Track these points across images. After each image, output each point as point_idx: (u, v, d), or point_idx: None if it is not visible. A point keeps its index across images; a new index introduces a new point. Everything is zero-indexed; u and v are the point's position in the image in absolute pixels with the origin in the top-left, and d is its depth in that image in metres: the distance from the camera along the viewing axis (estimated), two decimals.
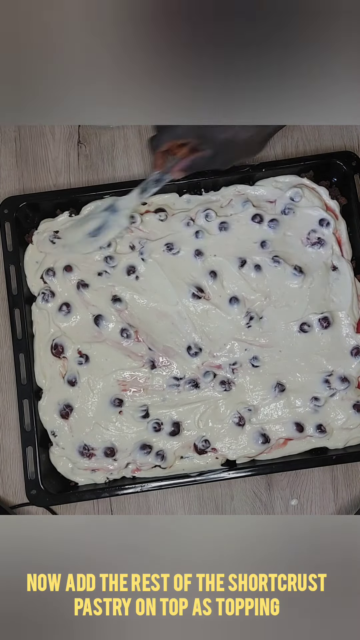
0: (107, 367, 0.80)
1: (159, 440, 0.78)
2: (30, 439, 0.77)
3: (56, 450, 0.78)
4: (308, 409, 0.78)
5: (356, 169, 0.82)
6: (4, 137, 0.88)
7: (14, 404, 0.81)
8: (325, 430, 0.78)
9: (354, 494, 0.81)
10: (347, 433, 0.78)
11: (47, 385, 0.79)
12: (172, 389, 0.79)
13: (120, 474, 0.78)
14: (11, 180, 0.87)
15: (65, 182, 0.88)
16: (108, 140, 0.88)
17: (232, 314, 0.80)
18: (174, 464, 0.78)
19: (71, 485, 0.79)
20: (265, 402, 0.79)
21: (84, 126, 0.88)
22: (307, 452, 0.79)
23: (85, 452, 0.78)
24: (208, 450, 0.78)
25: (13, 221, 0.81)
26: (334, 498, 0.81)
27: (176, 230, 0.82)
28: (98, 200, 0.82)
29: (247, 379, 0.79)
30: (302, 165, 0.84)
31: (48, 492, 0.76)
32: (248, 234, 0.82)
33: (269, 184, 0.83)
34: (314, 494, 0.81)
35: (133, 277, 0.81)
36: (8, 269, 0.81)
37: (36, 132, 0.88)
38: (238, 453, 0.78)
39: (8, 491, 0.82)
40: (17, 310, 0.80)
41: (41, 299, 0.80)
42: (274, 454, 0.79)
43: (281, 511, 0.81)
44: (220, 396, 0.79)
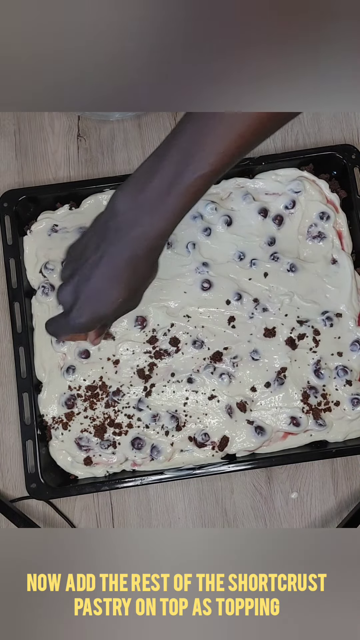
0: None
1: (155, 433, 0.78)
2: (30, 432, 0.77)
3: (56, 444, 0.78)
4: (307, 401, 0.78)
5: (356, 162, 0.82)
6: (3, 131, 0.88)
7: (14, 397, 0.81)
8: (325, 424, 0.78)
9: (354, 487, 0.82)
10: (347, 426, 0.78)
11: (47, 379, 0.79)
12: (171, 382, 0.79)
13: (120, 468, 0.78)
14: (11, 173, 0.87)
15: (65, 176, 0.87)
16: (108, 134, 0.88)
17: (234, 307, 0.80)
18: (173, 457, 0.78)
19: (71, 479, 0.79)
20: (264, 395, 0.79)
21: (84, 119, 0.88)
22: (307, 446, 0.79)
23: (84, 446, 0.78)
24: (207, 443, 0.78)
25: (13, 215, 0.81)
26: (334, 491, 0.81)
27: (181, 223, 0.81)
28: (98, 193, 0.82)
29: (246, 372, 0.79)
30: (302, 159, 0.84)
31: (48, 486, 0.76)
32: (251, 228, 0.82)
33: (268, 177, 0.83)
34: (314, 487, 0.81)
35: None
36: (8, 263, 0.81)
37: (36, 126, 0.88)
38: (238, 446, 0.78)
39: (8, 485, 0.82)
40: (17, 303, 0.80)
41: (41, 292, 0.80)
42: (273, 447, 0.79)
43: (281, 504, 0.81)
44: (219, 389, 0.79)
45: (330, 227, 0.82)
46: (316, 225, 0.82)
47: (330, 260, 0.81)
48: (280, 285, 0.81)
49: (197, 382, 0.79)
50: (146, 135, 0.88)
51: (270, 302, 0.80)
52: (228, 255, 0.81)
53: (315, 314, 0.80)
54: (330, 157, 0.83)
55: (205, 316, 0.80)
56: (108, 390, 0.79)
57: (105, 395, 0.79)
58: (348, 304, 0.80)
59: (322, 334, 0.80)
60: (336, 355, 0.80)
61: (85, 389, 0.79)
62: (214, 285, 0.81)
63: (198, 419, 0.78)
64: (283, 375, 0.79)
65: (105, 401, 0.79)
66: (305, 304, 0.80)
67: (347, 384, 0.79)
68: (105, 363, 0.80)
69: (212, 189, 0.82)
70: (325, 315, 0.80)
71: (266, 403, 0.79)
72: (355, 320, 0.80)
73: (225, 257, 0.81)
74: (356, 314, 0.80)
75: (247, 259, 0.81)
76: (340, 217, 0.82)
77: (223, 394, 0.79)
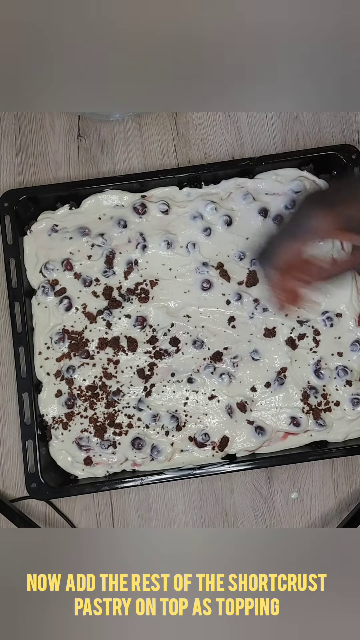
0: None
1: (156, 433, 0.78)
2: (30, 432, 0.77)
3: (56, 444, 0.78)
4: (307, 401, 0.78)
5: (356, 162, 0.82)
6: (4, 130, 0.88)
7: (14, 397, 0.81)
8: (325, 424, 0.78)
9: (354, 487, 0.81)
10: (347, 426, 0.78)
11: (47, 379, 0.79)
12: (172, 382, 0.79)
13: (120, 467, 0.78)
14: (11, 173, 0.87)
15: (65, 175, 0.87)
16: (108, 134, 0.88)
17: (234, 307, 0.80)
18: (173, 457, 0.78)
19: (71, 479, 0.79)
20: (264, 395, 0.79)
21: (84, 119, 0.88)
22: (307, 446, 0.79)
23: (84, 446, 0.78)
24: (207, 443, 0.78)
25: (13, 214, 0.81)
26: (334, 491, 0.81)
27: (181, 223, 0.82)
28: (98, 193, 0.82)
29: (247, 372, 0.79)
30: (302, 159, 0.83)
31: (48, 486, 0.76)
32: (251, 228, 0.82)
33: (269, 177, 0.83)
34: (314, 487, 0.81)
35: (135, 270, 0.81)
36: (8, 262, 0.81)
37: (36, 125, 0.88)
38: (238, 446, 0.78)
39: (8, 484, 0.81)
40: (17, 303, 0.80)
41: (41, 292, 0.80)
42: (273, 447, 0.79)
43: (281, 504, 0.81)
44: (219, 389, 0.79)
45: None
46: None
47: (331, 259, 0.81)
48: None
49: (197, 382, 0.79)
50: (146, 135, 0.88)
51: (271, 302, 0.80)
52: (228, 255, 0.81)
53: (315, 314, 0.80)
54: (330, 157, 0.83)
55: (205, 316, 0.80)
56: (108, 390, 0.79)
57: (105, 395, 0.79)
58: (348, 304, 0.80)
59: (323, 334, 0.80)
60: (336, 355, 0.80)
61: (86, 389, 0.79)
62: (214, 285, 0.81)
63: (198, 419, 0.78)
64: (283, 375, 0.79)
65: (105, 401, 0.79)
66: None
67: (347, 384, 0.79)
68: (105, 363, 0.80)
69: (212, 188, 0.83)
70: (325, 315, 0.80)
71: (266, 403, 0.79)
72: (356, 320, 0.80)
73: (225, 257, 0.81)
74: (356, 314, 0.80)
75: (248, 259, 0.81)
76: None
77: (223, 394, 0.79)
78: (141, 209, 0.82)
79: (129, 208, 0.82)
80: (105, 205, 0.83)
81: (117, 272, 0.81)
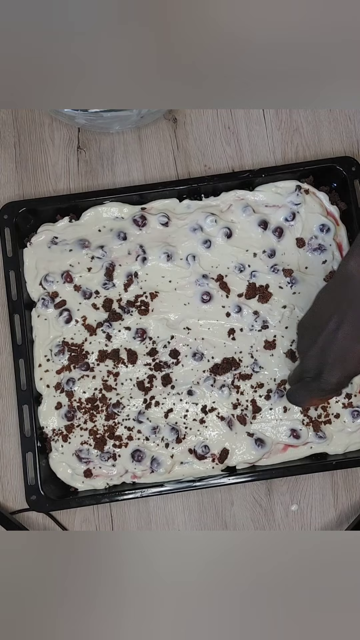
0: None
1: (155, 445, 0.78)
2: (30, 444, 0.77)
3: (56, 456, 0.78)
4: (307, 414, 0.78)
5: (356, 174, 0.82)
6: (4, 143, 0.88)
7: (14, 409, 0.81)
8: (325, 436, 0.78)
9: (354, 499, 0.81)
10: (347, 438, 0.78)
11: (47, 391, 0.79)
12: (171, 394, 0.79)
13: (120, 480, 0.78)
14: (11, 185, 0.87)
15: (65, 188, 0.88)
16: (108, 146, 0.88)
17: (234, 320, 0.80)
18: (173, 470, 0.78)
19: (71, 491, 0.79)
20: (264, 407, 0.79)
21: (84, 131, 0.88)
22: (307, 458, 0.79)
23: (84, 458, 0.78)
24: (207, 455, 0.78)
25: (13, 227, 0.81)
26: (334, 503, 0.81)
27: (181, 236, 0.82)
28: (98, 205, 0.82)
29: (247, 384, 0.79)
30: (302, 171, 0.84)
31: (48, 498, 0.76)
32: (251, 240, 0.82)
33: (268, 189, 0.83)
34: (314, 500, 0.81)
35: (135, 282, 0.81)
36: (8, 275, 0.81)
37: (36, 138, 0.88)
38: (238, 459, 0.78)
39: (8, 497, 0.81)
40: (17, 316, 0.80)
41: (41, 304, 0.81)
42: (273, 460, 0.79)
43: (281, 516, 0.81)
44: (219, 401, 0.79)
45: (330, 239, 0.82)
46: (316, 237, 0.82)
47: (329, 272, 0.81)
48: (280, 297, 0.81)
49: (197, 394, 0.79)
50: (146, 147, 0.88)
51: (271, 314, 0.80)
52: (228, 268, 0.82)
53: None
54: (330, 169, 0.83)
55: (205, 328, 0.80)
56: (108, 403, 0.79)
57: (105, 407, 0.79)
58: None
59: None
60: None
61: (85, 401, 0.79)
62: (213, 298, 0.81)
63: (198, 431, 0.78)
64: (283, 387, 0.79)
65: (105, 413, 0.79)
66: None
67: (347, 397, 0.79)
68: (105, 375, 0.80)
69: (212, 201, 0.83)
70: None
71: (266, 415, 0.79)
72: None
73: (225, 269, 0.82)
74: None
75: (247, 271, 0.81)
76: (340, 230, 0.82)
77: (223, 406, 0.79)
78: (141, 221, 0.82)
79: (128, 220, 0.82)
80: (105, 218, 0.83)
81: (117, 284, 0.81)
